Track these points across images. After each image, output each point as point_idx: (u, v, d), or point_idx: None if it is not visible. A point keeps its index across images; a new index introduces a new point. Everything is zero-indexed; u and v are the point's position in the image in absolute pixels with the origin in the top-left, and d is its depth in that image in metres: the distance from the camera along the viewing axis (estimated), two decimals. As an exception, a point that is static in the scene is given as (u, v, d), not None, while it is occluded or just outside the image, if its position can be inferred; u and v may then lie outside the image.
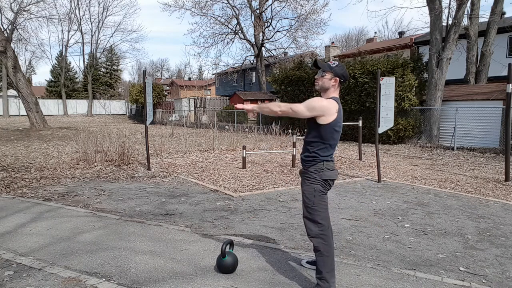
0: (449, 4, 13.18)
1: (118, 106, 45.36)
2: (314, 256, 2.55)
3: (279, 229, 3.94)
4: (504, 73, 13.11)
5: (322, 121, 2.39)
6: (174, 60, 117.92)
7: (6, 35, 19.83)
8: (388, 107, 6.74)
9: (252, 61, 30.05)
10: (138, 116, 32.96)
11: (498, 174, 7.37)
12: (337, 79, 2.45)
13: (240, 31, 27.98)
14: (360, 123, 10.02)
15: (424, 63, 13.49)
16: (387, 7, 48.07)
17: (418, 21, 70.99)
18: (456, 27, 12.27)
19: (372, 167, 8.11)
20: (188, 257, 3.15)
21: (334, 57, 27.02)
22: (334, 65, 2.46)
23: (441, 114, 12.66)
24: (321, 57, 28.84)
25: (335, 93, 2.49)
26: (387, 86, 6.74)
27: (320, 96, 2.54)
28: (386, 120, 6.76)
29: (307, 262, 2.98)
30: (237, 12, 27.50)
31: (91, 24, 57.00)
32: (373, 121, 12.32)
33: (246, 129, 17.55)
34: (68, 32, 56.96)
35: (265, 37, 27.68)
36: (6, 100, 36.48)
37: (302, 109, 2.38)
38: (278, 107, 2.45)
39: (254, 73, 35.07)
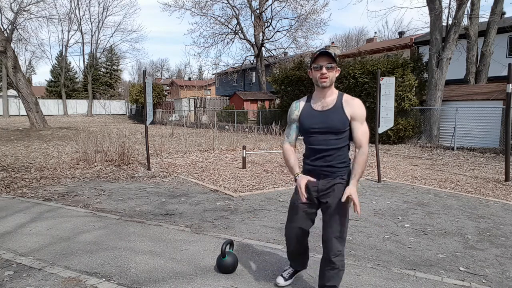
0: (449, 4, 13.19)
1: (118, 106, 45.37)
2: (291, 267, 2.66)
3: (279, 229, 3.94)
4: (504, 73, 13.12)
5: None
6: (174, 60, 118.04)
7: (6, 35, 19.82)
8: (388, 107, 6.75)
9: (252, 61, 30.05)
10: (138, 116, 32.95)
11: (498, 174, 7.37)
12: (339, 68, 2.21)
13: (240, 31, 27.98)
14: (360, 123, 10.02)
15: (424, 63, 13.50)
16: (387, 7, 48.11)
17: (418, 21, 71.02)
18: (456, 27, 12.26)
19: (372, 167, 8.11)
20: (188, 257, 3.15)
21: (334, 57, 26.95)
22: (334, 54, 2.19)
23: (441, 114, 12.66)
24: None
25: None
26: (387, 86, 6.74)
27: (312, 92, 2.34)
28: (386, 120, 6.77)
29: (283, 278, 2.62)
30: (237, 12, 27.51)
31: (91, 24, 57.10)
32: (373, 121, 12.24)
33: (246, 129, 17.56)
34: (68, 32, 57.03)
35: (265, 37, 27.68)
36: (6, 100, 36.48)
37: (367, 129, 2.23)
38: (366, 155, 2.17)
39: (254, 73, 35.08)
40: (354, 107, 2.16)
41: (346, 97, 2.21)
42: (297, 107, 2.31)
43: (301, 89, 16.40)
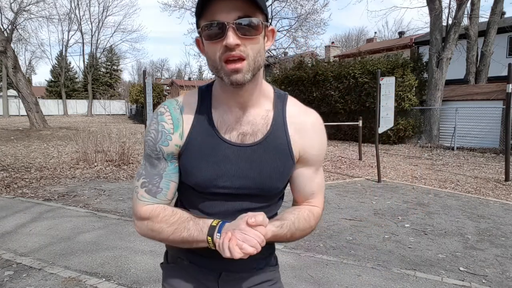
0: (449, 4, 13.20)
1: (118, 106, 45.37)
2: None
3: (279, 229, 3.94)
4: (504, 73, 13.10)
5: None
6: (174, 60, 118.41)
7: (6, 35, 19.81)
8: (388, 107, 6.74)
9: (252, 61, 30.02)
10: (138, 116, 32.95)
11: (498, 174, 7.37)
12: (273, 29, 0.94)
13: (240, 31, 27.98)
14: (360, 123, 10.02)
15: (424, 63, 13.51)
16: (387, 7, 48.21)
17: (418, 21, 71.14)
18: (456, 27, 12.27)
19: (372, 167, 8.11)
20: (188, 257, 3.15)
21: (334, 57, 27.03)
22: None
23: (441, 114, 12.66)
24: (321, 57, 28.84)
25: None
26: (387, 86, 6.73)
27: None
28: (386, 120, 6.76)
29: None
30: (237, 12, 27.51)
31: (91, 24, 56.89)
32: (373, 121, 12.27)
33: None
34: (68, 32, 56.84)
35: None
36: (6, 100, 36.48)
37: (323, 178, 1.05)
38: (317, 220, 1.00)
39: (254, 73, 35.03)
40: (310, 136, 0.95)
41: (292, 107, 0.96)
42: (177, 123, 0.92)
43: (301, 89, 16.39)
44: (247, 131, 0.91)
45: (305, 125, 0.94)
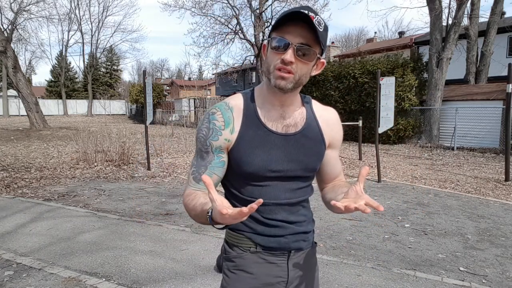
0: (449, 4, 13.21)
1: (118, 106, 45.38)
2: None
3: (279, 229, 3.94)
4: (504, 73, 13.09)
5: None
6: (174, 60, 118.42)
7: (6, 35, 19.80)
8: (388, 107, 6.75)
9: (252, 61, 30.05)
10: (138, 116, 32.94)
11: (498, 174, 7.37)
12: (324, 61, 1.13)
13: (240, 31, 27.97)
14: (360, 123, 10.02)
15: (424, 63, 13.51)
16: (387, 7, 48.21)
17: (418, 21, 71.14)
18: (456, 27, 12.27)
19: (372, 167, 8.11)
20: (188, 257, 3.15)
21: (334, 57, 27.01)
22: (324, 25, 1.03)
23: (441, 114, 12.66)
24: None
25: None
26: (387, 86, 6.74)
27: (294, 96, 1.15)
28: (386, 120, 6.77)
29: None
30: (237, 12, 27.51)
31: (91, 24, 57.00)
32: (373, 121, 12.30)
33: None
34: (68, 32, 56.93)
35: (265, 37, 27.70)
36: (6, 100, 36.49)
37: None
38: None
39: (254, 73, 35.09)
40: (335, 126, 1.21)
41: (316, 105, 1.22)
42: (228, 120, 1.09)
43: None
44: (290, 123, 1.12)
45: (330, 119, 1.21)
